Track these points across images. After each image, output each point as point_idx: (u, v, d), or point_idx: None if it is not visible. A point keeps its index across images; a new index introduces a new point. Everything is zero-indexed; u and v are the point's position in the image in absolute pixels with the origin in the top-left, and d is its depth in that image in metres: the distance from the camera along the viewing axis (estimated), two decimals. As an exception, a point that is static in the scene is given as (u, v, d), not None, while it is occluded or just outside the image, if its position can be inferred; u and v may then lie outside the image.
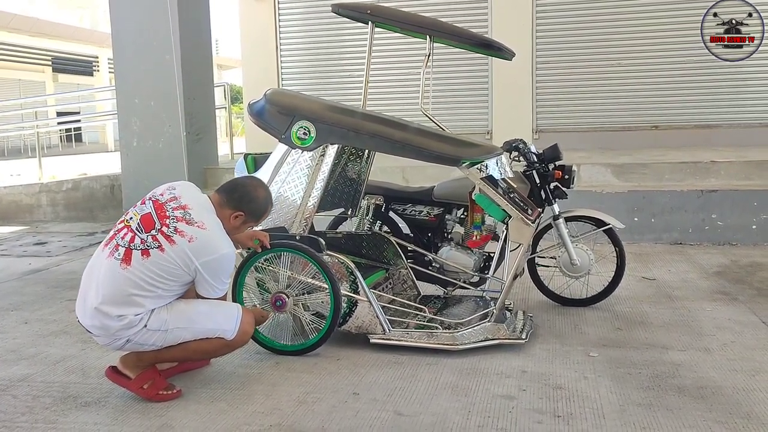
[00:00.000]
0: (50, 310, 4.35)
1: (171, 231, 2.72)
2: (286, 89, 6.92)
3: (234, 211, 2.91)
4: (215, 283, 2.82)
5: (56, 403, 2.88)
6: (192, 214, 2.78)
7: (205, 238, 2.75)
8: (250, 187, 3.00)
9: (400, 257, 4.02)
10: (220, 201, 2.91)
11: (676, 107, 8.51)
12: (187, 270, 2.74)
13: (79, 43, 26.03)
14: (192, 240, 2.72)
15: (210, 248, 2.75)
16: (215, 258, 2.76)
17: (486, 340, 3.36)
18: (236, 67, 25.40)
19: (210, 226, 2.79)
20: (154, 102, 7.14)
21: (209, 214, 2.84)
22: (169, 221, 2.75)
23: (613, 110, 8.68)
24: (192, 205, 2.81)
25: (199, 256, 2.72)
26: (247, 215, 2.94)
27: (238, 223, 2.95)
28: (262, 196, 3.00)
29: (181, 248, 2.71)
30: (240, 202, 2.92)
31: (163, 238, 2.72)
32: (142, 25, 7.07)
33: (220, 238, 2.81)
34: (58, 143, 20.42)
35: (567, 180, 3.94)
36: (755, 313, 3.93)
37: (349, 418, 2.66)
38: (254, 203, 2.96)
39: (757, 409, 2.67)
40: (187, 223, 2.75)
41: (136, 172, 7.21)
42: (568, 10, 8.65)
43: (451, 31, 3.96)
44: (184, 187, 2.93)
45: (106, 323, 2.71)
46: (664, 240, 6.00)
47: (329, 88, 9.05)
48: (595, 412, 2.68)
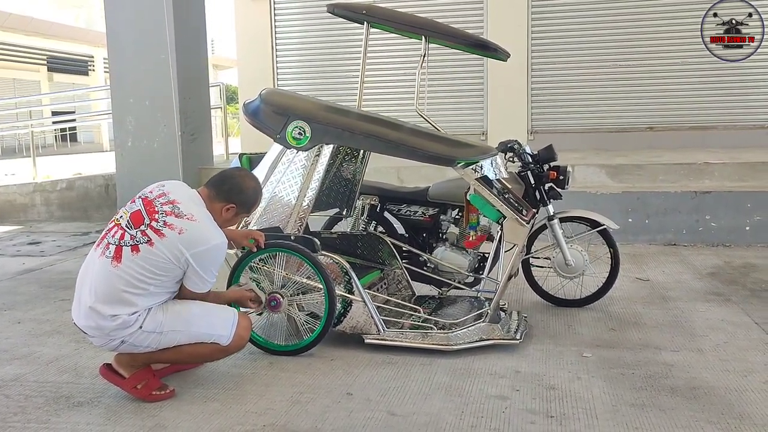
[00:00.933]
0: (43, 309, 4.34)
1: (160, 225, 2.72)
2: (282, 89, 6.91)
3: (225, 204, 2.90)
4: (205, 275, 2.80)
5: (49, 403, 2.87)
6: (181, 207, 2.77)
7: (196, 229, 2.74)
8: (239, 178, 2.98)
9: (395, 257, 4.02)
10: (209, 195, 2.90)
11: (670, 109, 8.55)
12: (178, 263, 2.72)
13: (74, 43, 25.97)
14: (182, 232, 2.71)
15: (201, 239, 2.74)
16: (207, 249, 2.74)
17: (480, 340, 3.36)
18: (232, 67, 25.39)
19: (200, 218, 2.78)
20: (149, 101, 7.11)
21: (198, 207, 2.83)
22: (158, 216, 2.74)
23: (608, 111, 8.72)
24: (181, 200, 2.81)
25: (189, 247, 2.71)
26: (238, 207, 2.93)
27: (231, 216, 2.94)
28: (251, 187, 2.99)
29: (171, 241, 2.69)
30: (230, 194, 2.91)
31: (153, 232, 2.71)
32: (137, 24, 7.05)
33: (211, 229, 2.80)
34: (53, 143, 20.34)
35: (562, 181, 3.96)
36: (748, 314, 3.95)
37: (342, 418, 2.66)
38: (244, 194, 2.94)
39: (749, 409, 2.69)
40: (177, 216, 2.74)
41: (130, 171, 7.17)
42: (564, 12, 8.67)
43: (446, 32, 3.97)
44: (173, 184, 2.93)
45: (101, 323, 2.71)
46: (658, 241, 6.02)
47: (325, 89, 9.05)
48: (587, 412, 2.69)
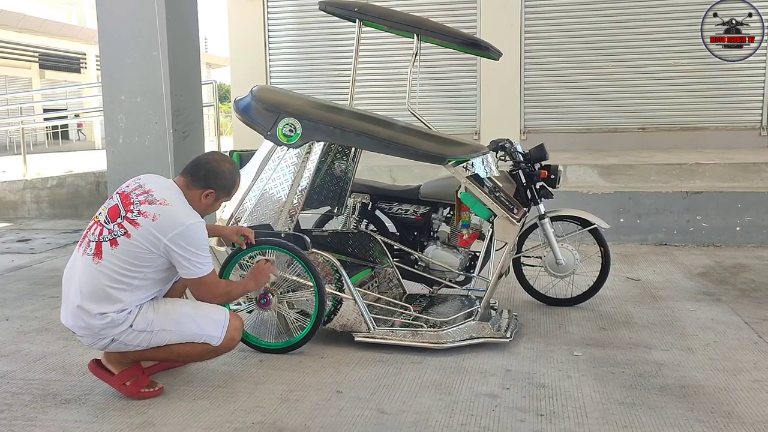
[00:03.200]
0: (32, 307, 4.31)
1: (135, 215, 2.69)
2: (273, 86, 6.90)
3: (203, 190, 2.86)
4: (191, 258, 2.72)
5: (36, 401, 2.85)
6: (155, 194, 2.74)
7: (168, 213, 2.71)
8: (214, 162, 2.93)
9: (386, 256, 4.01)
10: (186, 182, 2.87)
11: (662, 110, 8.58)
12: (157, 250, 2.68)
13: (66, 40, 25.84)
14: (156, 218, 2.68)
15: (175, 222, 2.70)
16: (181, 231, 2.69)
17: (471, 338, 3.36)
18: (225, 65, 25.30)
19: (172, 201, 2.74)
20: (140, 98, 7.06)
21: (171, 191, 2.80)
22: (132, 206, 2.72)
23: (601, 112, 8.74)
24: (155, 188, 2.78)
25: (165, 233, 2.67)
26: (217, 191, 2.89)
27: (211, 201, 2.90)
28: (228, 170, 2.94)
29: (146, 229, 2.67)
30: (207, 179, 2.87)
31: (128, 224, 2.68)
32: (129, 20, 6.99)
33: (184, 212, 2.76)
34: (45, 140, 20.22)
35: (553, 180, 3.96)
36: (738, 313, 3.96)
37: (332, 416, 2.65)
38: (221, 178, 2.90)
39: (738, 408, 2.69)
40: (150, 203, 2.71)
41: (122, 169, 7.09)
42: (557, 12, 8.69)
43: (438, 30, 3.96)
44: (149, 177, 2.90)
45: (89, 322, 2.69)
46: (650, 241, 6.04)
47: (317, 87, 9.02)
48: (577, 410, 2.69)
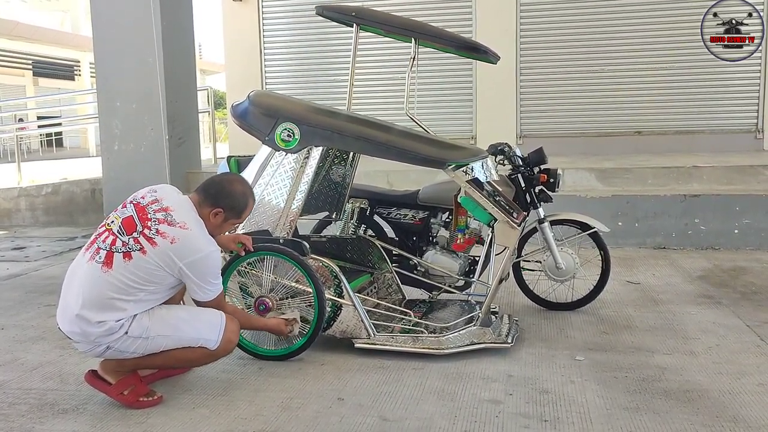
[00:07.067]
0: (28, 315, 4.26)
1: (153, 233, 2.68)
2: (271, 91, 6.87)
3: (212, 209, 2.85)
4: (204, 284, 2.77)
5: (33, 411, 2.81)
6: (174, 215, 2.73)
7: (188, 238, 2.70)
8: (226, 182, 2.94)
9: (385, 261, 3.99)
10: (198, 200, 2.87)
11: (658, 113, 8.59)
12: (171, 272, 2.69)
13: (60, 47, 25.79)
14: (174, 241, 2.68)
15: (193, 248, 2.71)
16: (199, 258, 2.71)
17: (472, 344, 3.33)
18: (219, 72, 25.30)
19: (192, 226, 2.74)
20: (136, 105, 7.04)
21: (190, 214, 2.80)
22: (150, 223, 2.70)
23: (597, 116, 8.75)
24: (174, 207, 2.77)
25: (182, 257, 2.68)
26: (226, 211, 2.88)
27: (220, 221, 2.89)
28: (238, 191, 2.93)
29: (162, 250, 2.66)
30: (217, 198, 2.86)
31: (145, 240, 2.67)
32: (124, 27, 6.99)
33: (203, 238, 2.77)
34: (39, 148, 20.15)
35: (552, 183, 3.95)
36: (739, 316, 3.95)
37: (333, 424, 2.62)
38: (231, 198, 2.89)
39: (743, 411, 2.67)
40: (169, 224, 2.70)
41: (117, 176, 7.09)
42: (552, 16, 8.70)
43: (436, 34, 3.95)
44: (165, 189, 2.89)
45: (87, 329, 2.65)
46: (648, 244, 6.03)
47: (314, 92, 9.02)
48: (581, 416, 2.66)
